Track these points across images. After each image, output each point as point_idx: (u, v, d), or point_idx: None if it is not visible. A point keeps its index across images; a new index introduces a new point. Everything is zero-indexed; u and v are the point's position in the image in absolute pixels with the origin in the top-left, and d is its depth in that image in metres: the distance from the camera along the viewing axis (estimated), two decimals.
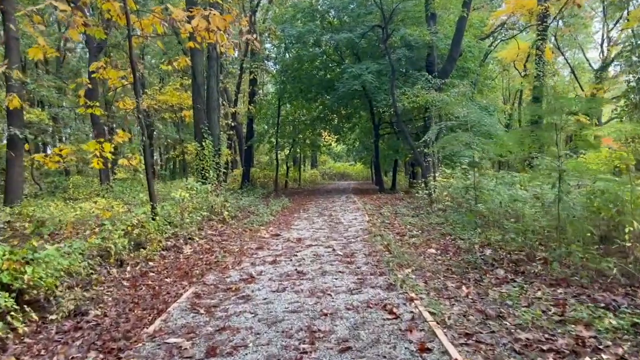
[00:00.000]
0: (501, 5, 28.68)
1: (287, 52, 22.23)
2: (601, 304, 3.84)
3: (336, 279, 5.22)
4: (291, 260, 6.40)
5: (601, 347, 3.09)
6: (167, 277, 6.01)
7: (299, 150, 28.57)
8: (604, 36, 28.93)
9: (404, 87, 15.70)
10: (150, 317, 4.37)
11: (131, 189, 16.29)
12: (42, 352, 3.61)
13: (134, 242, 7.53)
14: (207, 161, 14.09)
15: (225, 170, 19.94)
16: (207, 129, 14.60)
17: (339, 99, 19.35)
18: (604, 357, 2.94)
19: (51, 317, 4.38)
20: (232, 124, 22.04)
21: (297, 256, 6.64)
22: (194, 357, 3.25)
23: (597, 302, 3.89)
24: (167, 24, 9.46)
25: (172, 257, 7.29)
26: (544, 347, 3.11)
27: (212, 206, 11.74)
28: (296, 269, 5.78)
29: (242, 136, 27.03)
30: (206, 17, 8.37)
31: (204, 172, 13.82)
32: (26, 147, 11.42)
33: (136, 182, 20.62)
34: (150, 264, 6.83)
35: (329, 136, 28.89)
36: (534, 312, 3.73)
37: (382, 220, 10.20)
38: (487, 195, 8.02)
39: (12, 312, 3.98)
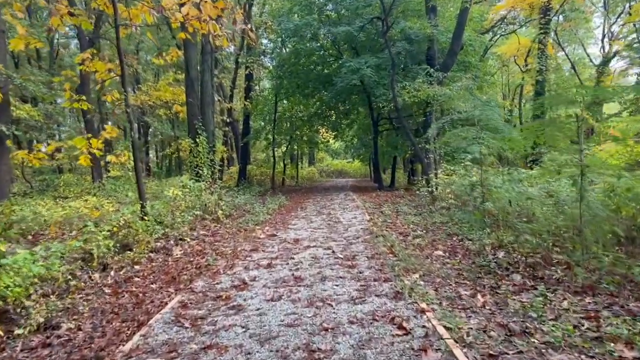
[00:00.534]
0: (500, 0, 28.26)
1: (283, 46, 21.72)
2: (639, 317, 3.39)
3: (337, 286, 4.75)
4: (288, 263, 5.92)
5: None
6: (153, 283, 5.54)
7: (296, 147, 28.07)
8: (604, 31, 28.48)
9: (404, 82, 15.22)
10: (129, 331, 3.90)
11: (124, 187, 15.77)
12: None
13: (119, 244, 7.06)
14: (201, 158, 13.57)
15: (220, 167, 19.45)
16: (201, 124, 14.09)
17: (337, 95, 18.85)
18: None
19: (17, 332, 3.91)
20: (228, 120, 21.51)
21: (294, 259, 6.17)
22: None
23: (634, 315, 3.44)
24: (157, 14, 8.98)
25: (160, 260, 6.81)
26: None
27: (205, 205, 11.26)
28: (293, 274, 5.31)
29: (238, 133, 26.53)
30: (197, 5, 7.91)
31: (197, 169, 13.32)
32: (9, 142, 10.84)
33: (129, 180, 20.09)
34: (136, 267, 6.35)
35: (327, 133, 28.41)
36: (565, 327, 3.27)
37: (383, 219, 9.74)
38: (496, 193, 7.55)
39: None
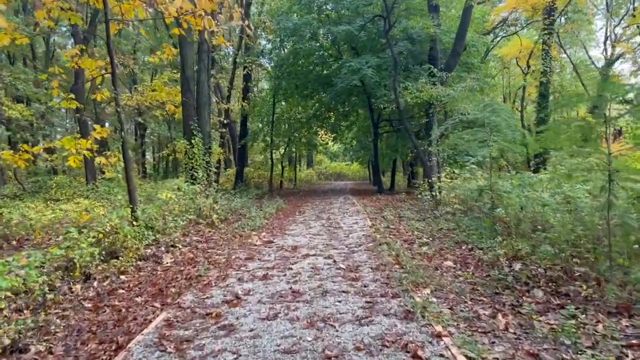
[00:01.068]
0: (501, 0, 27.92)
1: (282, 46, 21.30)
2: None
3: (339, 302, 4.30)
4: (285, 274, 5.46)
5: None
6: (138, 296, 5.07)
7: (294, 149, 27.62)
8: (607, 33, 28.15)
9: (406, 82, 14.80)
10: (105, 356, 3.44)
11: (118, 189, 15.30)
12: None
13: (106, 252, 6.59)
14: (197, 160, 13.12)
15: (217, 169, 18.98)
16: (196, 125, 13.65)
17: (337, 96, 18.43)
18: None
19: None
20: (225, 122, 21.03)
21: (292, 269, 5.70)
22: None
23: None
24: (150, 10, 8.56)
25: (149, 269, 6.35)
26: None
27: (200, 208, 10.80)
28: (291, 287, 4.84)
29: (235, 134, 26.07)
30: None
31: (192, 171, 12.87)
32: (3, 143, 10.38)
33: (122, 182, 19.59)
34: (122, 277, 5.89)
35: (326, 135, 27.98)
36: (606, 358, 2.82)
37: (385, 224, 9.28)
38: (507, 198, 7.12)
39: None
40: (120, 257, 6.56)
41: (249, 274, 5.56)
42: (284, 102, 24.27)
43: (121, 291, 5.29)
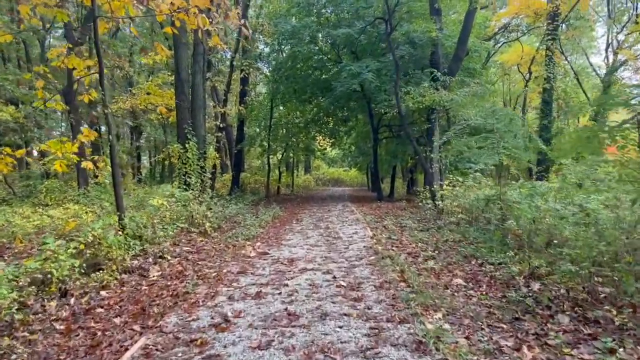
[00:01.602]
0: (502, 7, 27.66)
1: (280, 49, 20.90)
2: None
3: (341, 328, 3.83)
4: (280, 292, 4.98)
5: None
6: (118, 316, 4.59)
7: (292, 154, 27.19)
8: (609, 40, 27.87)
9: (407, 87, 14.40)
10: None
11: (104, 195, 14.80)
12: None
13: (87, 264, 6.10)
14: (191, 165, 12.64)
15: (212, 174, 18.49)
16: (191, 129, 13.19)
17: (336, 100, 18.03)
18: None
19: None
20: (222, 126, 20.57)
21: (287, 286, 5.23)
22: None
23: None
24: (141, 7, 8.13)
25: (133, 283, 5.87)
26: None
27: (192, 216, 10.32)
28: (286, 309, 4.37)
29: (232, 139, 25.60)
30: None
31: (186, 177, 12.39)
32: None
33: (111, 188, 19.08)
34: (102, 293, 5.40)
35: (324, 140, 27.57)
36: None
37: (387, 235, 8.82)
38: (517, 209, 6.67)
39: None
40: (103, 270, 6.09)
41: (240, 292, 5.08)
42: (281, 107, 23.86)
43: (100, 310, 4.80)
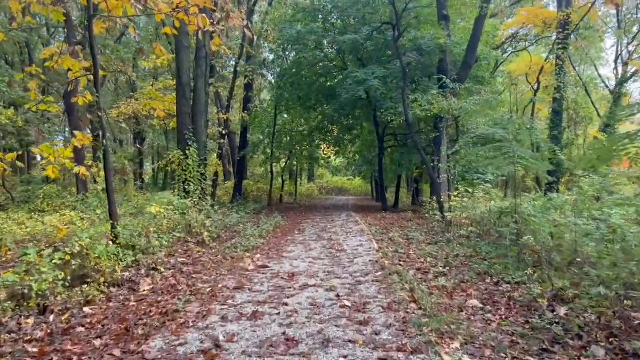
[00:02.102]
0: (510, 16, 27.37)
1: (285, 55, 20.62)
2: None
3: (345, 358, 3.38)
4: (279, 313, 4.54)
5: None
6: (99, 337, 4.15)
7: (295, 162, 26.80)
8: (618, 51, 27.46)
9: (414, 95, 14.03)
10: None
11: (97, 202, 14.45)
12: None
13: (72, 277, 5.68)
14: (191, 172, 12.28)
15: (213, 182, 18.12)
16: (192, 135, 12.85)
17: (341, 108, 17.66)
18: None
19: None
20: (224, 132, 20.24)
21: (287, 305, 4.78)
22: None
23: None
24: (139, 6, 7.79)
25: (121, 299, 5.45)
26: None
27: (190, 225, 9.92)
28: (284, 333, 3.92)
29: (235, 146, 25.28)
30: None
31: (185, 184, 12.02)
32: None
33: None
34: (86, 310, 4.97)
35: (328, 148, 27.19)
36: None
37: (394, 248, 8.36)
38: (535, 224, 6.22)
39: None
40: (89, 283, 5.67)
41: (235, 311, 4.64)
42: (285, 114, 23.55)
43: (80, 329, 4.37)
